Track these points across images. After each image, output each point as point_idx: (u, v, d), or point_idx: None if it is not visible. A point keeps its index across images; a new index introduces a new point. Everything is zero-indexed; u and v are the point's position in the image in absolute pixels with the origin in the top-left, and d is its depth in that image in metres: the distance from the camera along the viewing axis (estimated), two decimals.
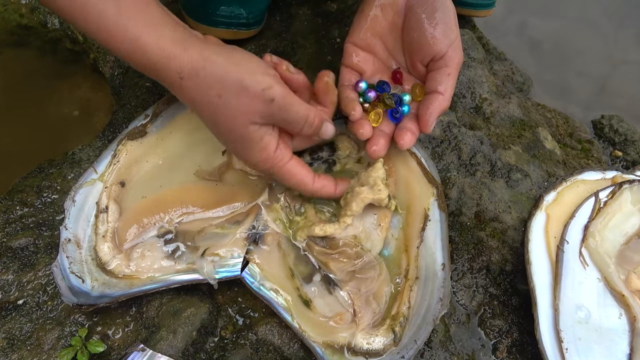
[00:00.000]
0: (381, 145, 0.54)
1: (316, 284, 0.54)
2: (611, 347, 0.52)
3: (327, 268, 0.54)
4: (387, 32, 0.57)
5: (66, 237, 0.54)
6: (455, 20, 0.54)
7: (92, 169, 0.58)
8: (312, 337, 0.51)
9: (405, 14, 0.55)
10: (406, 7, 0.55)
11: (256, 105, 0.46)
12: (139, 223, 0.56)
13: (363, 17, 0.57)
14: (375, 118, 0.55)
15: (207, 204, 0.57)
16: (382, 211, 0.56)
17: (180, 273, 0.53)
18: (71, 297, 0.50)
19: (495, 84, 0.78)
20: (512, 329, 0.58)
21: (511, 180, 0.66)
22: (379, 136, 0.54)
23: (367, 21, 0.56)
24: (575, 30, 1.12)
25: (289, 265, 0.55)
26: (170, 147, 0.60)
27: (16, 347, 0.52)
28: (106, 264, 0.54)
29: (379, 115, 0.55)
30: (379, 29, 0.57)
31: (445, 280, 0.52)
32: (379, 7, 0.56)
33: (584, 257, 0.57)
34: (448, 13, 0.53)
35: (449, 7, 0.53)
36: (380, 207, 0.56)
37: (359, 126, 0.53)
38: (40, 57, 0.83)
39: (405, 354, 0.49)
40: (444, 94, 0.53)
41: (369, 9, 0.56)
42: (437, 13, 0.53)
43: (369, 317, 0.52)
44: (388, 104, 0.55)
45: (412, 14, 0.54)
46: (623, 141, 0.88)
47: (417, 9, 0.54)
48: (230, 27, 0.73)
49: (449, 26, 0.53)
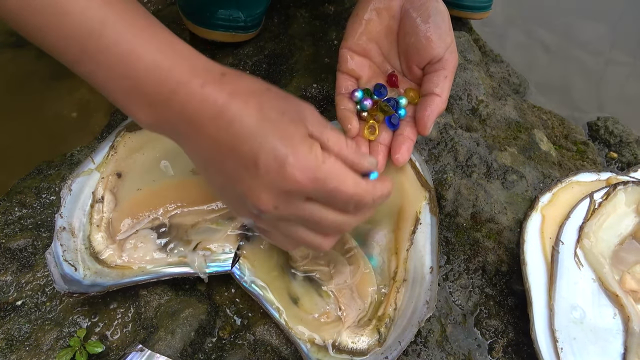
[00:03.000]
0: (381, 159, 0.54)
1: (304, 282, 0.55)
2: (606, 347, 0.53)
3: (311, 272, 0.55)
4: (382, 37, 0.57)
5: (61, 225, 0.54)
6: (449, 24, 0.54)
7: (89, 158, 0.58)
8: (298, 334, 0.51)
9: (401, 18, 0.56)
10: (401, 11, 0.56)
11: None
12: (134, 214, 0.56)
13: (358, 21, 0.57)
14: (370, 132, 0.55)
15: (202, 199, 0.57)
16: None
17: (172, 266, 0.54)
18: (63, 284, 0.50)
19: (492, 86, 0.79)
20: (507, 329, 0.58)
21: (507, 181, 0.66)
22: (376, 152, 0.55)
23: (362, 25, 0.56)
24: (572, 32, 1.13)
25: (279, 263, 0.55)
26: (167, 140, 0.59)
27: (15, 348, 0.52)
28: (99, 254, 0.54)
29: (375, 128, 0.55)
30: (375, 33, 0.57)
31: (433, 284, 0.53)
32: (374, 11, 0.56)
33: (578, 257, 0.57)
34: (443, 17, 0.54)
35: (443, 11, 0.54)
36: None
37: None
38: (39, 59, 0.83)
39: (389, 355, 0.50)
40: (441, 95, 0.54)
41: (363, 13, 0.56)
42: (432, 17, 0.53)
43: (354, 315, 0.53)
44: (386, 111, 0.55)
45: (407, 19, 0.55)
46: (618, 143, 0.89)
47: (413, 13, 0.54)
48: (228, 30, 0.73)
49: (444, 30, 0.54)
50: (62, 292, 0.50)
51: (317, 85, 0.72)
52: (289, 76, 0.74)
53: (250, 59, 0.77)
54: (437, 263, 0.55)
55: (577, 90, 1.03)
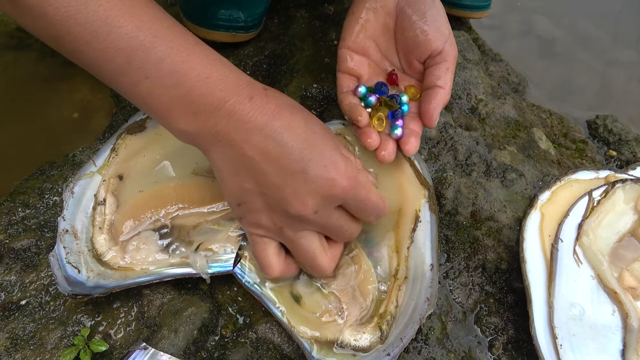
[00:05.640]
0: (390, 149, 0.54)
1: (306, 281, 0.55)
2: (605, 343, 0.53)
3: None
4: (379, 34, 0.58)
5: (64, 227, 0.54)
6: (445, 16, 0.55)
7: (91, 161, 0.58)
8: (301, 333, 0.52)
9: (397, 15, 0.56)
10: (397, 8, 0.56)
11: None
12: (136, 216, 0.57)
13: (354, 20, 0.57)
14: (379, 123, 0.56)
15: (203, 200, 0.58)
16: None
17: (174, 266, 0.54)
18: (66, 286, 0.51)
19: (491, 85, 0.79)
20: (507, 326, 0.59)
21: (506, 180, 0.67)
22: (386, 141, 0.55)
23: (358, 24, 0.57)
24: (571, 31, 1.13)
25: None
26: (168, 142, 0.60)
27: (19, 347, 0.52)
28: (102, 256, 0.54)
29: (382, 119, 0.56)
30: (372, 31, 0.57)
31: (433, 281, 0.53)
32: (370, 9, 0.57)
33: (577, 255, 0.58)
34: (439, 11, 0.55)
35: (438, 5, 0.55)
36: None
37: (367, 136, 0.54)
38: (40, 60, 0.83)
39: (391, 352, 0.50)
40: (445, 87, 0.54)
41: (360, 12, 0.57)
42: (428, 12, 0.54)
43: (356, 313, 0.53)
44: (391, 106, 0.56)
45: (403, 15, 0.56)
46: (617, 141, 0.89)
47: (408, 9, 0.55)
48: (229, 31, 0.74)
49: (441, 23, 0.55)
50: (65, 294, 0.51)
51: (318, 86, 0.72)
52: (289, 76, 0.75)
53: (251, 59, 0.77)
54: (437, 260, 0.55)
55: (577, 89, 1.03)
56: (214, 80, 0.43)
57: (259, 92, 0.45)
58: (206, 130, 0.43)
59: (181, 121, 0.43)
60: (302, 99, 0.72)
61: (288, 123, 0.44)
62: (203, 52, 0.44)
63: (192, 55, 0.42)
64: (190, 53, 0.42)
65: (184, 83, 0.42)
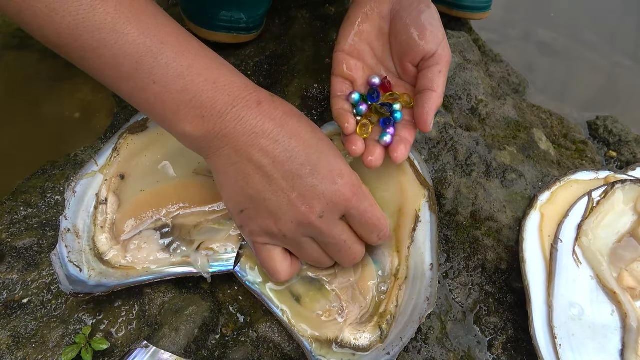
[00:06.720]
0: (377, 155, 0.53)
1: (306, 280, 0.55)
2: (604, 343, 0.54)
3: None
4: (374, 38, 0.58)
5: (66, 227, 0.54)
6: (439, 20, 0.56)
7: (93, 161, 0.59)
8: (301, 332, 0.52)
9: (391, 19, 0.57)
10: (391, 13, 0.57)
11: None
12: (137, 216, 0.57)
13: (350, 25, 0.58)
14: (364, 130, 0.55)
15: (204, 199, 0.58)
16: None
17: (175, 266, 0.54)
18: (68, 285, 0.51)
19: (491, 85, 0.80)
20: (507, 326, 0.59)
21: (506, 180, 0.67)
22: (374, 146, 0.54)
23: (354, 28, 0.58)
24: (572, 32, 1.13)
25: None
26: (169, 142, 0.60)
27: (21, 345, 0.52)
28: (103, 255, 0.55)
29: (368, 126, 0.55)
30: (367, 35, 0.58)
31: (433, 280, 0.54)
32: (366, 14, 0.58)
33: (577, 255, 0.58)
34: (432, 15, 0.55)
35: (432, 8, 0.56)
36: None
37: (351, 143, 0.53)
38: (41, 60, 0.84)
39: (390, 351, 0.50)
40: (437, 91, 0.54)
41: (356, 17, 0.58)
42: (422, 15, 0.55)
43: (356, 312, 0.53)
44: (382, 113, 0.56)
45: (397, 19, 0.56)
46: (617, 142, 0.89)
47: (402, 13, 0.56)
48: (230, 32, 0.74)
49: (435, 27, 0.55)
50: (67, 293, 0.51)
51: (318, 86, 0.73)
52: (290, 77, 0.75)
53: (252, 59, 0.77)
54: (437, 260, 0.55)
55: (577, 90, 1.04)
56: (221, 84, 0.43)
57: (266, 99, 0.45)
58: (213, 134, 0.44)
59: (187, 125, 0.44)
60: (303, 100, 0.72)
61: (295, 129, 0.45)
62: (208, 56, 0.45)
63: (198, 60, 0.43)
64: (196, 58, 0.43)
65: (191, 87, 0.43)
